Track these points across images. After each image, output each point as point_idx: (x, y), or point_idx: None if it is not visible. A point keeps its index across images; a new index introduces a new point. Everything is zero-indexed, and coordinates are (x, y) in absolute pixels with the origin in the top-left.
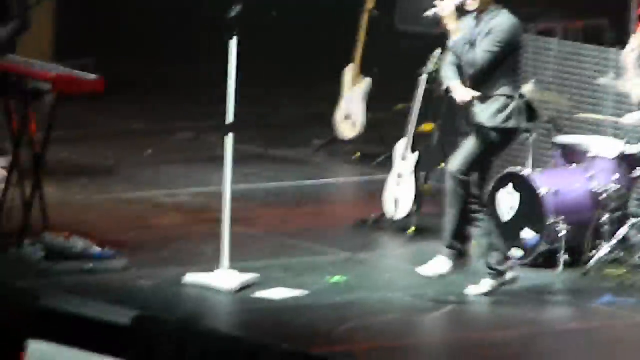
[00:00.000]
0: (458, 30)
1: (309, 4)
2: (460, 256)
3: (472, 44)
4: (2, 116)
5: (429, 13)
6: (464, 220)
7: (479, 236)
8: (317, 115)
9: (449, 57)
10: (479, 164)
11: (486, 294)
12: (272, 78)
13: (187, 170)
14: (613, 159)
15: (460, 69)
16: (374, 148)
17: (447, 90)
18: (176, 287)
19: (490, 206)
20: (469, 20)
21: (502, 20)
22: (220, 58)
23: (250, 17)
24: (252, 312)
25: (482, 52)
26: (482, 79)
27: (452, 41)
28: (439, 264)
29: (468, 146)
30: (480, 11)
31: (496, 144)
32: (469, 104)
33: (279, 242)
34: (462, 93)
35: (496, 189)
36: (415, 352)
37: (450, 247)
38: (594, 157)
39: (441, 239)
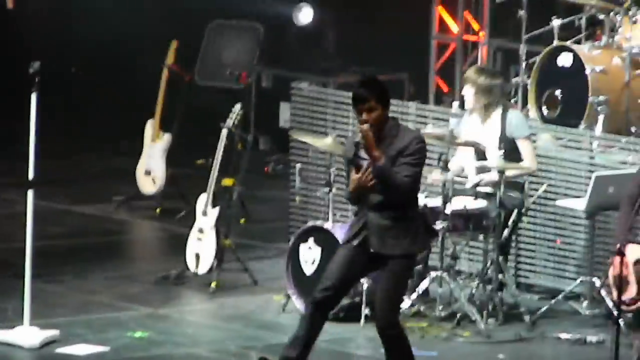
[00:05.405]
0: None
1: (109, 58)
2: None
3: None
4: None
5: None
6: None
7: None
8: (118, 170)
9: None
10: None
11: None
12: (72, 133)
13: None
14: None
15: None
16: (174, 203)
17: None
18: None
19: (291, 259)
20: None
21: None
22: (21, 114)
23: (50, 72)
24: None
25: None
26: None
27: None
28: None
29: None
30: None
31: None
32: None
33: (80, 298)
34: None
35: (298, 242)
36: None
37: None
38: None
39: (242, 294)
